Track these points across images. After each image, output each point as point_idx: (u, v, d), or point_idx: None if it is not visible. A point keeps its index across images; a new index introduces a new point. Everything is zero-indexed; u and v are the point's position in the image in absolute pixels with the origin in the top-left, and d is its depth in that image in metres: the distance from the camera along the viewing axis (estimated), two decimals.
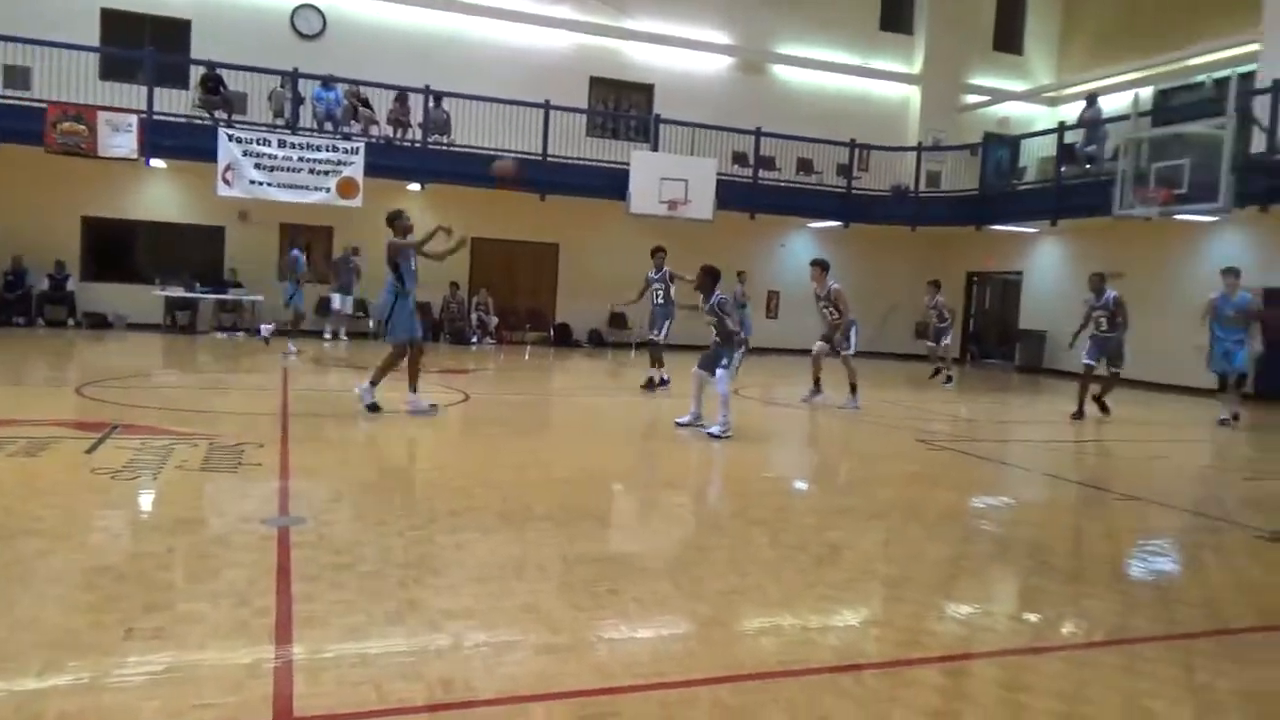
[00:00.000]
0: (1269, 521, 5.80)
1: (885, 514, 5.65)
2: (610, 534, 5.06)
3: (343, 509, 5.07)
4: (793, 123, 19.83)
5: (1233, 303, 10.76)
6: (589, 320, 19.83)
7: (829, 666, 3.10)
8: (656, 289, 12.33)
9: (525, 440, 7.98)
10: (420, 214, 18.59)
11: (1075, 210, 16.56)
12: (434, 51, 18.32)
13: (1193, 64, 18.39)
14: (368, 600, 3.46)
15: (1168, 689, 3.07)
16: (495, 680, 2.84)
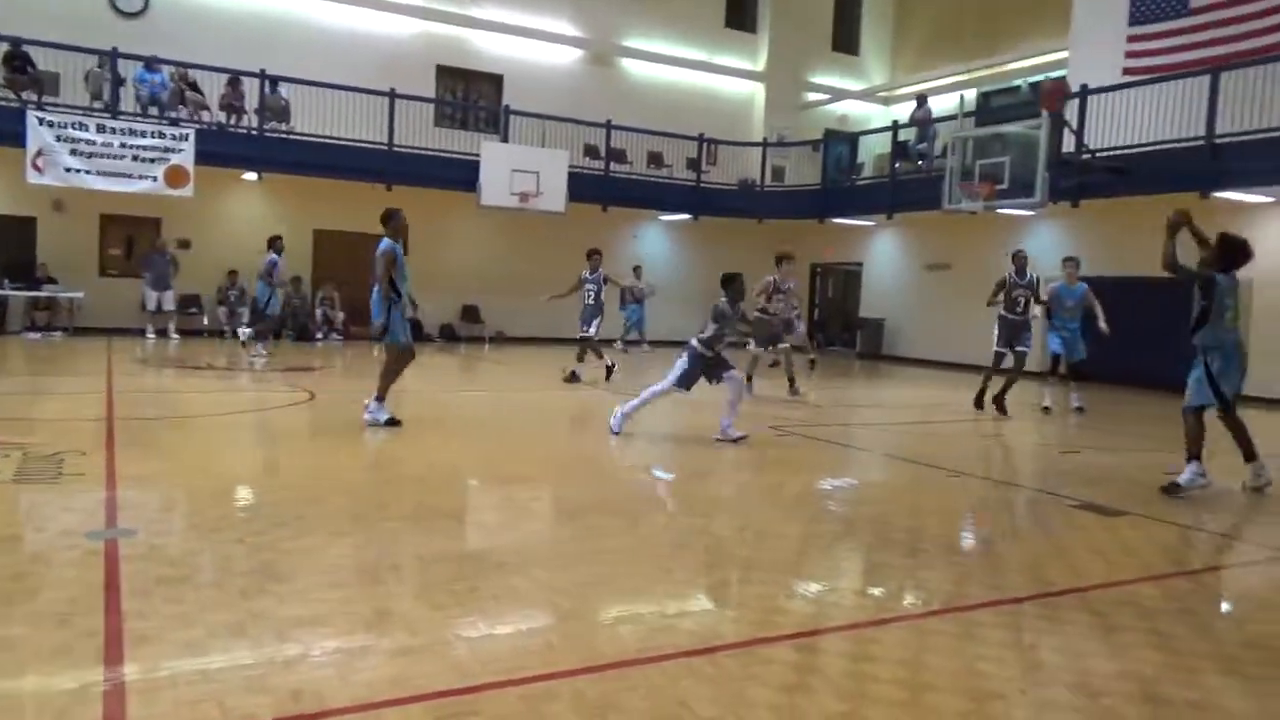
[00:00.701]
0: (1080, 491, 6.31)
1: (737, 499, 5.80)
2: (467, 531, 4.98)
3: (177, 518, 4.78)
4: (643, 116, 20.03)
5: (1072, 292, 11.25)
6: (441, 315, 19.43)
7: (686, 651, 3.16)
8: (589, 289, 12.67)
9: (375, 438, 7.74)
10: (259, 205, 17.82)
11: (909, 204, 17.48)
12: (269, 34, 17.43)
13: (1011, 68, 19.75)
14: (207, 613, 3.27)
15: (998, 651, 3.29)
16: (349, 688, 2.74)
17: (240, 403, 9.23)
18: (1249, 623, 3.81)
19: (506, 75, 20.05)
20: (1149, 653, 3.34)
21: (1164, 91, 13.61)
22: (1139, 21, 14.88)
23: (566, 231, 19.04)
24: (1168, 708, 2.89)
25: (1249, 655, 3.37)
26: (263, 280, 14.40)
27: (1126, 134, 13.84)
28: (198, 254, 17.00)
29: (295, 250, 18.11)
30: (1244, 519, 6.16)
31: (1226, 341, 6.67)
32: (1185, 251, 6.94)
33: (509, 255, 19.73)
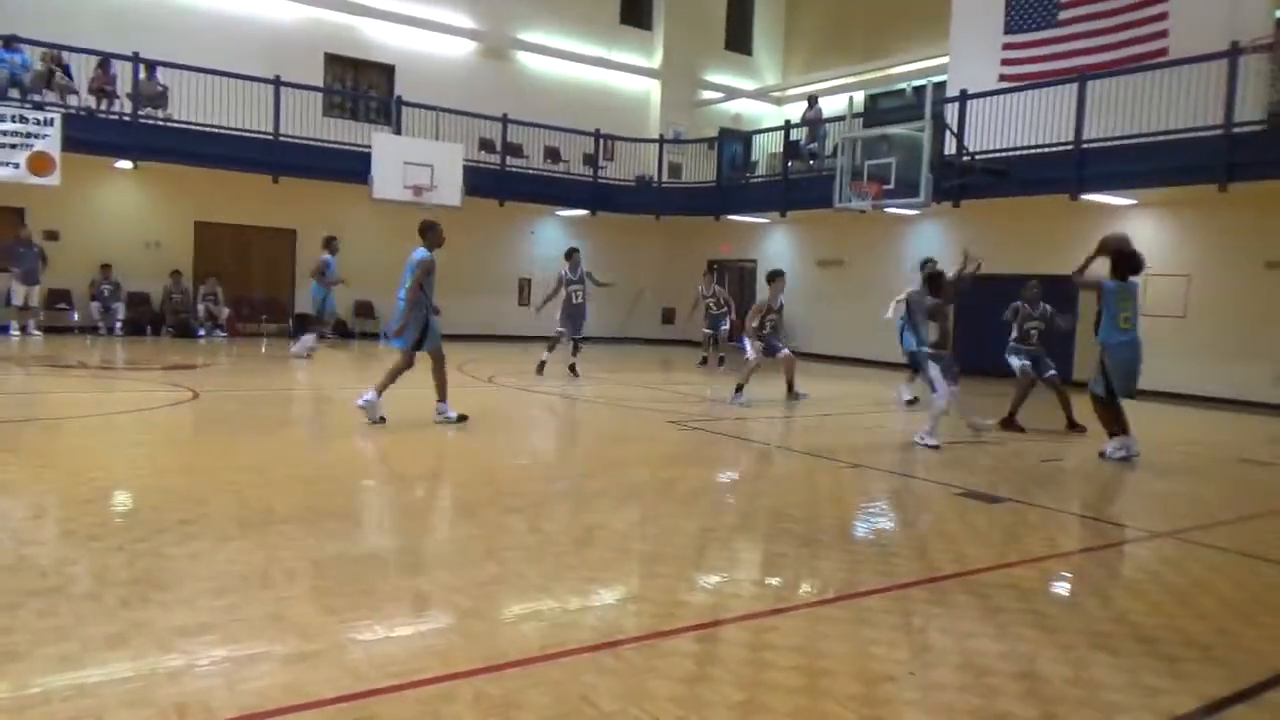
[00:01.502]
0: (964, 480, 6.59)
1: (639, 494, 5.84)
2: (362, 532, 4.86)
3: (47, 526, 4.51)
4: (540, 111, 19.92)
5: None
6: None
7: (589, 646, 3.16)
8: (575, 290, 12.83)
9: (264, 439, 7.47)
10: (134, 195, 16.94)
11: (801, 202, 17.91)
12: (145, 15, 16.59)
13: (896, 72, 20.46)
14: (84, 625, 3.10)
15: (889, 635, 3.42)
16: (238, 697, 2.64)
17: (117, 403, 8.76)
18: (1116, 600, 4.06)
19: (399, 66, 19.62)
20: (1028, 631, 3.51)
21: (1037, 98, 14.33)
22: (1013, 30, 15.61)
23: (463, 226, 18.75)
24: (1046, 684, 3.05)
25: (1118, 631, 3.58)
26: (316, 280, 14.24)
27: (1003, 138, 14.52)
28: (67, 246, 16.06)
29: (175, 243, 17.35)
30: (1112, 503, 6.55)
31: (1119, 341, 7.46)
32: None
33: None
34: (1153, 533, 5.39)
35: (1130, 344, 7.64)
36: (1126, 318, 7.56)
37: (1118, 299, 7.55)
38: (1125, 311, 7.56)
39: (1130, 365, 7.67)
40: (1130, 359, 7.67)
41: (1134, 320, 7.67)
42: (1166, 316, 14.05)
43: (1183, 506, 6.27)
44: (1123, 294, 7.58)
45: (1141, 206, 14.38)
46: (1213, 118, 12.16)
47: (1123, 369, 7.63)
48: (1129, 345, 7.62)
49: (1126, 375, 7.68)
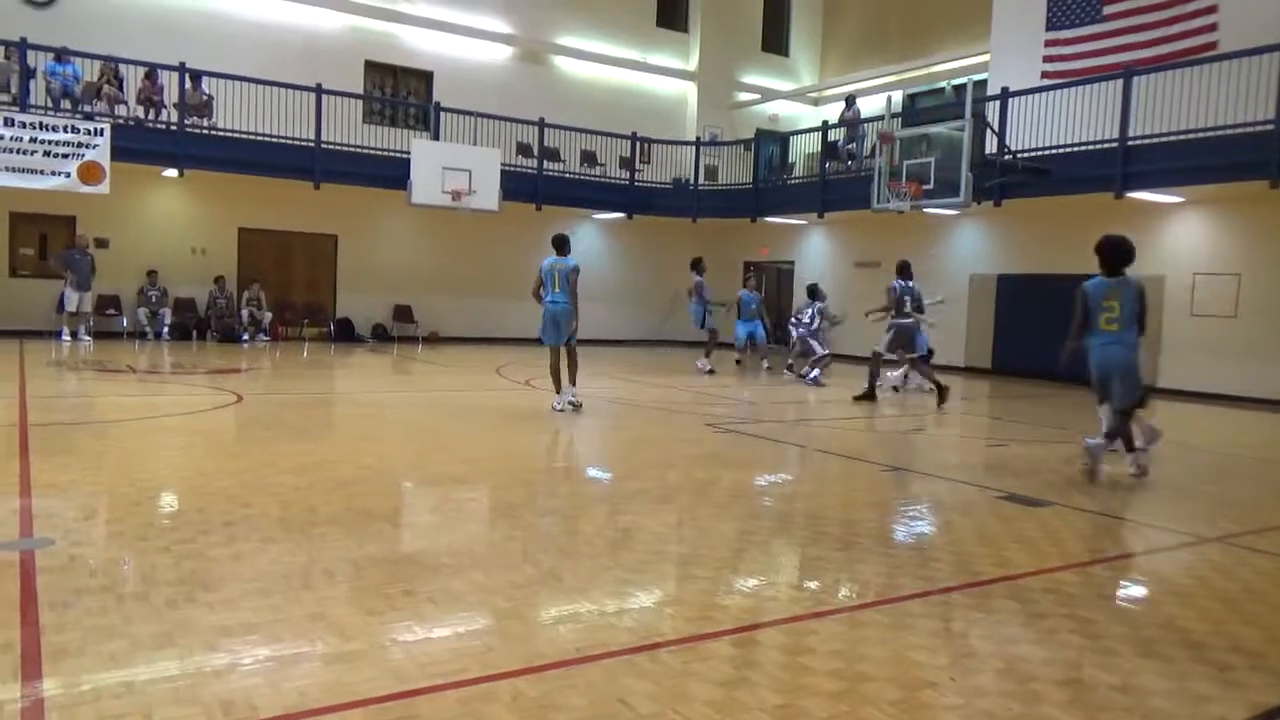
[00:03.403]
0: (1006, 483, 6.50)
1: (675, 496, 5.83)
2: (401, 534, 4.91)
3: (98, 526, 4.62)
4: (576, 115, 20.00)
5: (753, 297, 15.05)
6: (372, 314, 19.15)
7: (626, 648, 3.17)
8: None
9: (306, 442, 7.58)
10: (180, 203, 17.30)
11: (839, 203, 17.78)
12: (190, 26, 16.93)
13: (936, 71, 20.23)
14: (131, 624, 3.17)
15: (929, 640, 3.38)
16: (281, 696, 2.68)
17: (164, 407, 8.94)
18: (1163, 606, 3.97)
19: (437, 72, 19.82)
20: (1072, 637, 3.45)
21: (1080, 95, 14.10)
22: (1056, 27, 15.37)
23: (500, 230, 18.91)
24: (1091, 690, 2.99)
25: (1165, 637, 3.51)
26: (694, 300, 15.22)
27: (1045, 136, 14.30)
28: (116, 253, 16.44)
29: (220, 249, 17.69)
30: (1158, 507, 6.41)
31: (1096, 344, 6.66)
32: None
33: (442, 254, 19.55)
34: (1200, 537, 5.27)
35: (1108, 346, 6.63)
36: (1109, 318, 6.62)
37: (1103, 296, 6.65)
38: (1109, 312, 6.63)
39: (1104, 370, 6.67)
40: (1104, 362, 6.66)
41: (1120, 321, 6.59)
42: (1217, 316, 13.76)
43: (1232, 511, 6.13)
44: (1107, 291, 6.64)
45: (1189, 204, 14.09)
46: (1264, 113, 11.86)
47: (1097, 373, 6.72)
48: (1105, 347, 6.64)
49: (1100, 381, 6.73)
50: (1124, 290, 6.61)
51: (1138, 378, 6.74)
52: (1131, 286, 6.63)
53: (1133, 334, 6.61)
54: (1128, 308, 6.57)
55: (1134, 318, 6.59)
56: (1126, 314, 6.57)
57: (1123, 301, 6.58)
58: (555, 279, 9.41)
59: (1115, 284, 6.65)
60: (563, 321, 9.50)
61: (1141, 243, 15.02)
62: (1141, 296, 6.63)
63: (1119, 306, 6.57)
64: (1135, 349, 6.66)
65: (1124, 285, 6.64)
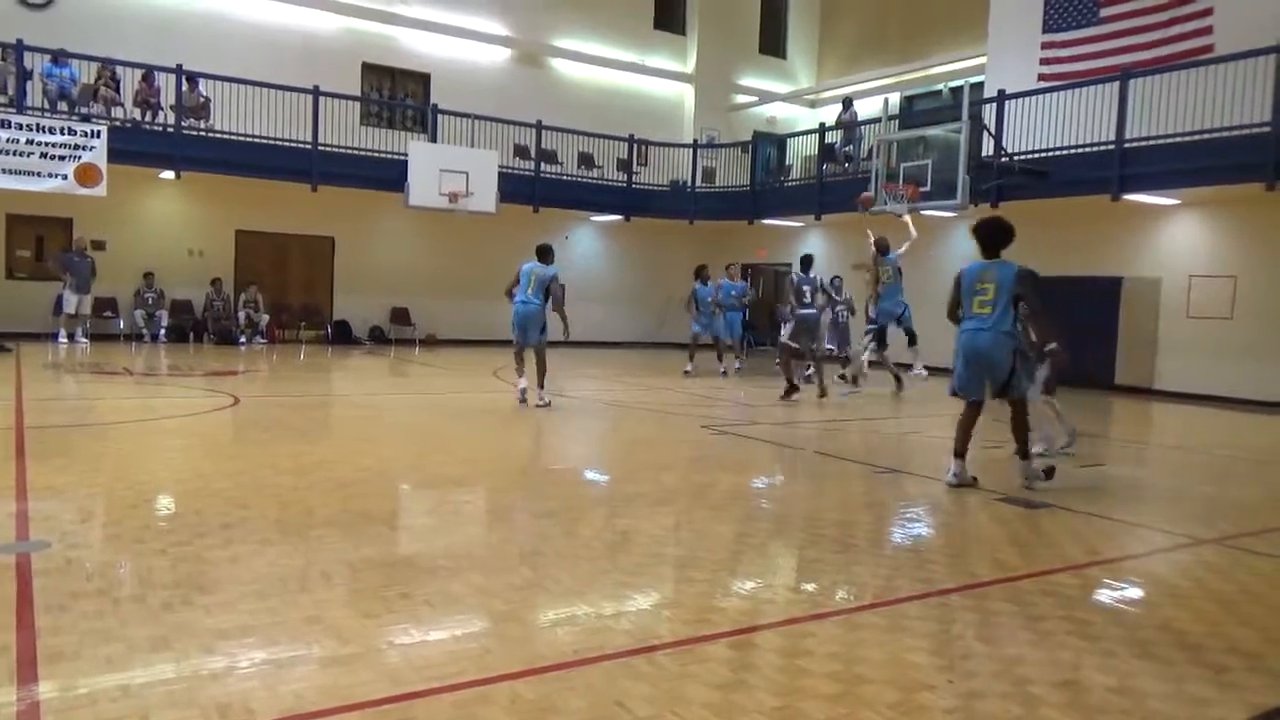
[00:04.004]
0: (1001, 485, 6.50)
1: (672, 498, 5.83)
2: (399, 536, 4.90)
3: (94, 529, 4.61)
4: (573, 117, 20.02)
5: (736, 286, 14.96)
6: (369, 316, 19.14)
7: (624, 650, 3.16)
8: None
9: (303, 444, 7.57)
10: (177, 205, 17.28)
11: (836, 206, 17.78)
12: (186, 28, 16.94)
13: (933, 73, 20.26)
14: (128, 627, 3.17)
15: (927, 642, 3.38)
16: (278, 699, 2.68)
17: (161, 409, 8.93)
18: (1160, 607, 3.98)
19: (434, 74, 19.83)
20: (1070, 639, 3.46)
21: (1077, 97, 14.12)
22: (1052, 29, 15.40)
23: (498, 233, 18.91)
24: (1089, 693, 2.99)
25: (1162, 639, 3.51)
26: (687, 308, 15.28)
27: (1042, 138, 14.32)
28: (113, 255, 16.42)
29: (217, 252, 17.68)
30: (1155, 509, 6.42)
31: (962, 329, 6.27)
32: None
33: (439, 256, 19.54)
34: (1197, 539, 5.28)
35: (977, 332, 6.13)
36: (982, 301, 6.10)
37: (977, 279, 6.19)
38: (982, 295, 6.12)
39: (970, 358, 6.21)
40: (971, 349, 6.18)
41: (994, 305, 6.08)
42: (1213, 318, 13.78)
43: (1229, 512, 6.14)
44: (982, 273, 6.19)
45: (1185, 206, 14.11)
46: (1260, 115, 11.89)
47: (963, 362, 6.27)
48: (973, 334, 6.15)
49: (963, 368, 6.28)
50: (1000, 272, 6.11)
51: (1018, 367, 6.15)
52: (1011, 269, 6.11)
53: (1007, 320, 6.07)
54: (1003, 292, 6.06)
55: (1010, 303, 6.06)
56: (1001, 298, 6.05)
57: (998, 284, 6.08)
58: (531, 281, 9.74)
59: (991, 265, 6.19)
60: (530, 324, 9.78)
61: (1138, 244, 15.14)
62: (1025, 280, 6.07)
63: (994, 289, 6.08)
64: (1010, 336, 6.09)
65: (1001, 267, 6.14)
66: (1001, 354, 6.09)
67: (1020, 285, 6.05)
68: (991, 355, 6.10)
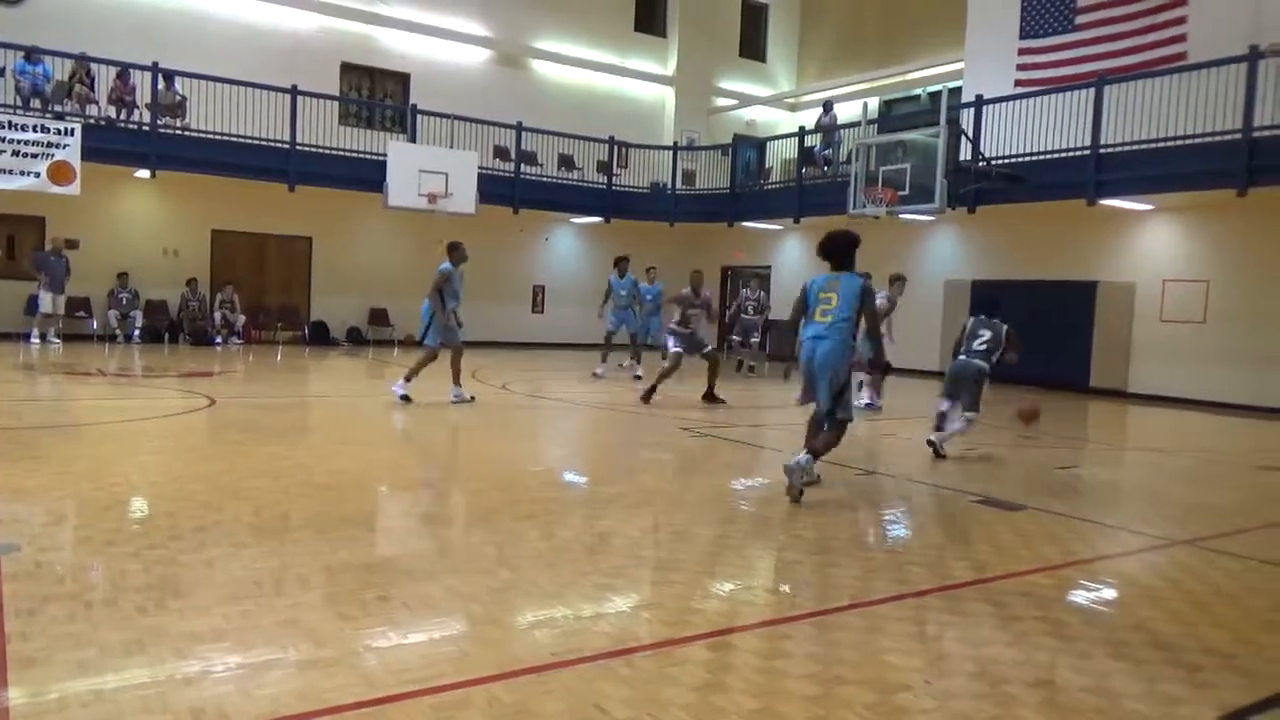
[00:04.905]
0: (979, 487, 6.55)
1: (652, 500, 5.83)
2: (376, 539, 4.87)
3: (65, 532, 4.54)
4: (554, 119, 19.99)
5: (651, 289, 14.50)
6: (347, 317, 19.01)
7: (603, 653, 3.16)
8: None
9: (279, 446, 7.51)
10: (152, 204, 17.10)
11: (816, 209, 17.86)
12: (163, 26, 16.78)
13: (911, 78, 20.41)
14: (100, 631, 3.12)
15: (905, 643, 3.39)
16: (253, 703, 2.65)
17: (134, 410, 8.83)
18: (1135, 608, 4.02)
19: (414, 74, 19.74)
20: (1046, 640, 3.48)
21: (1053, 103, 14.27)
22: (1029, 36, 15.55)
23: (477, 234, 18.82)
24: (1064, 693, 3.02)
25: (1136, 639, 3.55)
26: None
27: (1019, 143, 14.46)
28: (86, 255, 16.22)
29: (192, 251, 17.51)
30: (1130, 511, 6.49)
31: (805, 336, 6.14)
32: None
33: (418, 257, 19.41)
34: (1171, 540, 5.34)
35: (817, 339, 6.01)
36: (825, 309, 6.02)
37: (821, 288, 6.11)
38: (826, 304, 6.04)
39: (809, 364, 6.07)
40: (810, 356, 6.05)
41: (835, 313, 5.97)
42: (1186, 322, 13.95)
43: (1202, 514, 6.21)
44: (828, 283, 6.10)
45: (1159, 211, 14.28)
46: (1232, 122, 12.06)
47: (803, 369, 6.15)
48: (814, 340, 6.03)
49: (806, 377, 6.15)
50: (846, 284, 6.04)
51: (849, 383, 6.06)
52: (856, 283, 6.04)
53: (848, 331, 5.96)
54: (846, 303, 5.98)
55: (854, 315, 5.98)
56: (844, 308, 5.97)
57: (841, 294, 6.01)
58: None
59: (837, 277, 6.13)
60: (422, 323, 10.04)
61: (1113, 249, 15.29)
62: (863, 295, 6.00)
63: (836, 298, 6.02)
64: (847, 347, 5.97)
65: (847, 280, 6.07)
66: (837, 363, 5.96)
67: (861, 300, 5.99)
68: (827, 364, 5.97)
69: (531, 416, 10.22)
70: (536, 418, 10.19)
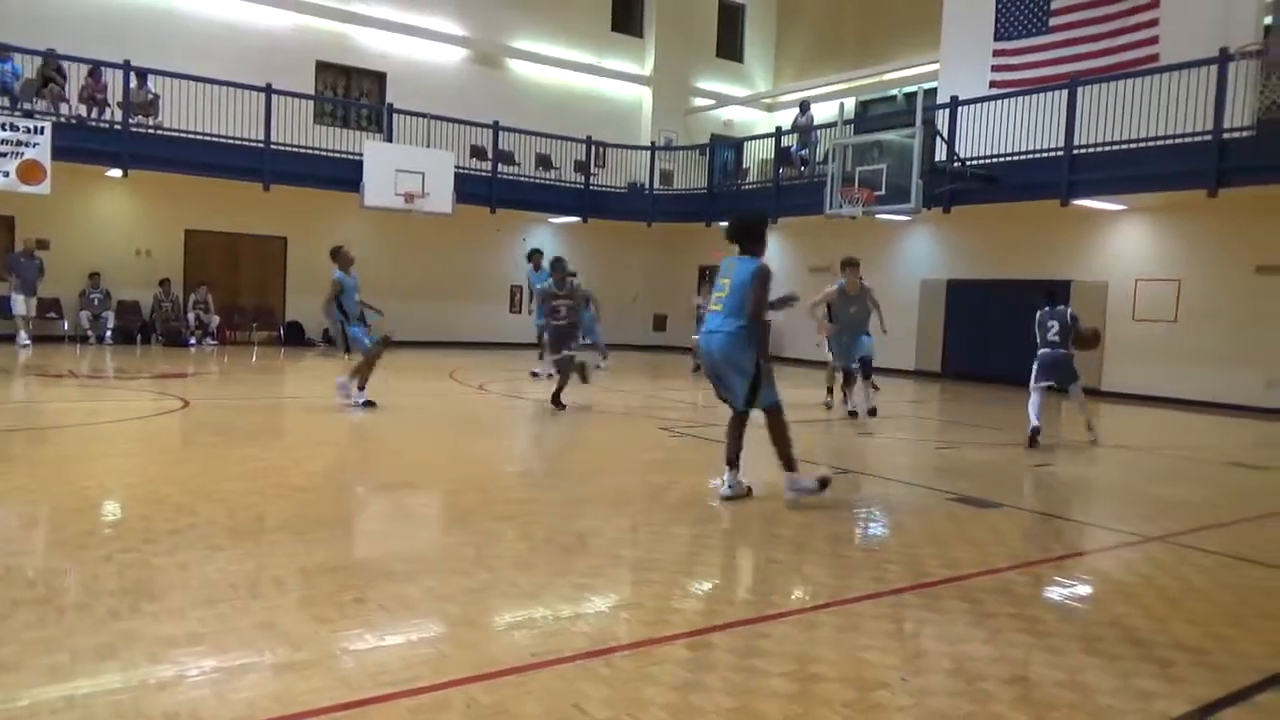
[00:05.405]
0: (956, 485, 6.60)
1: (630, 500, 5.82)
2: (353, 540, 4.84)
3: (36, 535, 4.48)
4: (531, 118, 19.94)
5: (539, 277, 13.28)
6: (323, 318, 18.80)
7: (581, 653, 3.15)
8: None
9: (254, 448, 7.44)
10: (124, 203, 16.89)
11: (793, 209, 17.94)
12: (134, 23, 16.57)
13: (887, 79, 20.52)
14: (73, 636, 3.08)
15: (882, 641, 3.41)
16: (228, 707, 2.63)
17: (107, 412, 8.72)
18: (1108, 604, 4.06)
19: (390, 73, 19.63)
20: (1021, 636, 3.52)
21: (1027, 104, 14.40)
22: (1004, 37, 15.68)
23: (454, 234, 18.78)
24: (1039, 688, 3.05)
25: (1110, 635, 3.59)
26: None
27: (994, 144, 14.58)
28: (57, 255, 15.99)
29: (165, 251, 17.32)
30: (1104, 508, 6.56)
31: (702, 331, 5.75)
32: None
33: (395, 257, 19.33)
34: (1144, 536, 5.40)
35: (709, 334, 5.62)
36: (719, 298, 5.60)
37: (720, 274, 5.69)
38: (720, 291, 5.62)
39: (706, 359, 5.73)
40: (705, 351, 5.69)
41: (725, 302, 5.54)
42: (1158, 321, 14.13)
43: (1174, 510, 6.29)
44: (725, 267, 5.68)
45: (1132, 212, 14.45)
46: (1202, 124, 12.22)
47: (704, 365, 5.82)
48: (706, 335, 5.66)
49: (709, 375, 5.82)
50: (740, 268, 5.55)
51: (752, 372, 5.59)
52: (749, 265, 5.53)
53: (738, 321, 5.50)
54: (737, 291, 5.50)
55: (743, 303, 5.47)
56: (735, 296, 5.49)
57: (734, 280, 5.53)
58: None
59: (734, 260, 5.63)
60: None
61: (1086, 249, 15.45)
62: (754, 279, 5.48)
63: (730, 285, 5.55)
64: (740, 339, 5.52)
65: (741, 264, 5.57)
66: (732, 356, 5.53)
67: (752, 284, 5.48)
68: (722, 357, 5.56)
69: (508, 417, 10.18)
70: (513, 418, 10.16)
